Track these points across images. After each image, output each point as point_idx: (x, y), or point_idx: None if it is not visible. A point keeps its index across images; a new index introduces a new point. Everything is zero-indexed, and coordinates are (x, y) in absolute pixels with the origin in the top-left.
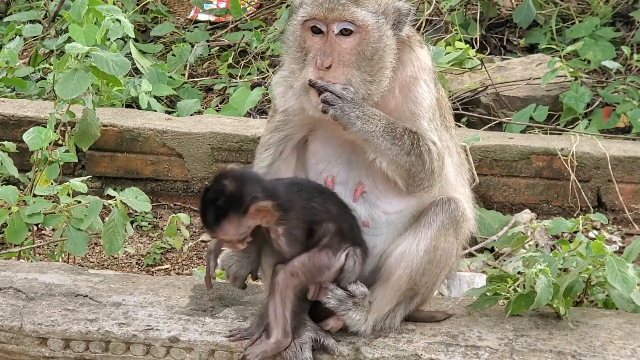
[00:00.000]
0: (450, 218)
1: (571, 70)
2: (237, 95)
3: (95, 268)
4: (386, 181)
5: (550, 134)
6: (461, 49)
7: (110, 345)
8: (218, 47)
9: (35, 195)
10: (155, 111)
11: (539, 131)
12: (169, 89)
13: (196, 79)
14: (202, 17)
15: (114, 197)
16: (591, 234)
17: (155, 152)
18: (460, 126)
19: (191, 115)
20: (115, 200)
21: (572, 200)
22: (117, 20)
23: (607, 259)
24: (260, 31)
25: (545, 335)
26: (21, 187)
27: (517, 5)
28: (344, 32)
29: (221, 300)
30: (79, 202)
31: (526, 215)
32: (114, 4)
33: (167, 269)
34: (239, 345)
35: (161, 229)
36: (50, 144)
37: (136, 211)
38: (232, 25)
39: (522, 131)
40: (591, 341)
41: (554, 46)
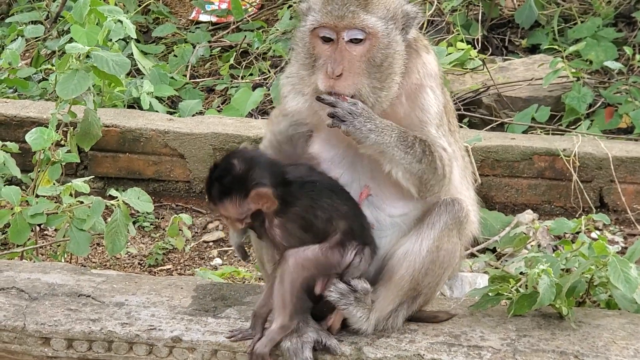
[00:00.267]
0: (454, 219)
1: (573, 70)
2: (239, 95)
3: (98, 268)
4: (392, 185)
5: (553, 134)
6: (463, 49)
7: (113, 345)
8: (220, 48)
9: (37, 196)
10: (157, 112)
11: (541, 132)
12: (171, 89)
13: (198, 80)
14: (203, 17)
15: (117, 197)
16: (593, 235)
17: (157, 153)
18: (462, 127)
19: (193, 115)
20: (118, 200)
21: (575, 200)
22: (118, 21)
23: (610, 259)
24: (262, 32)
25: (547, 336)
26: (24, 187)
27: (519, 5)
28: (354, 40)
29: (223, 301)
30: (82, 202)
31: (528, 216)
32: (115, 4)
33: (169, 269)
34: (242, 345)
35: (163, 229)
36: (52, 144)
37: (138, 212)
38: (234, 26)
39: (524, 132)
40: (594, 341)
41: (556, 47)
